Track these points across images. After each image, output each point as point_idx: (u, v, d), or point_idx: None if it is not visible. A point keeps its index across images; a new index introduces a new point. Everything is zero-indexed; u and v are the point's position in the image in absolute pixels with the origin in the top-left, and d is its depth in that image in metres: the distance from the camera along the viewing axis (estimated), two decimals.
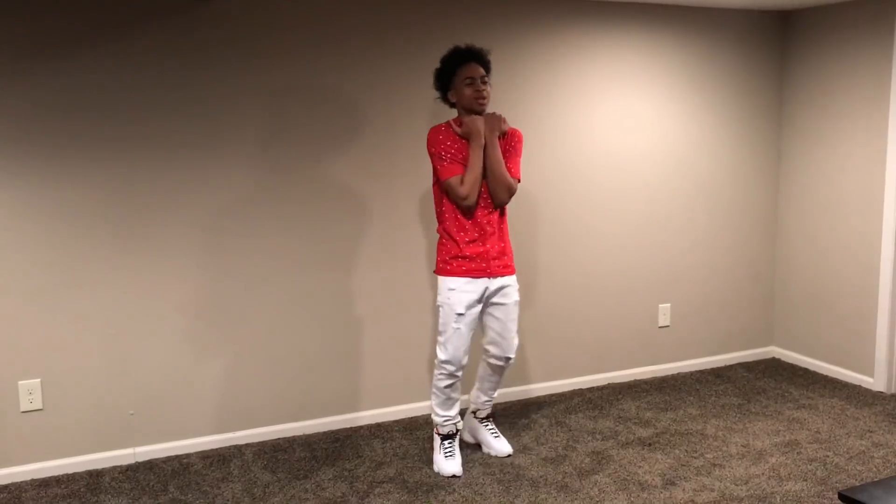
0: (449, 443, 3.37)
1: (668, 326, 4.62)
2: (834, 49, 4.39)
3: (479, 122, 3.20)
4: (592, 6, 4.15)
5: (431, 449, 3.56)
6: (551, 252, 4.22)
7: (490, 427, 3.56)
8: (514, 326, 3.36)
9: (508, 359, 3.38)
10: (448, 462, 3.33)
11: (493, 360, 3.40)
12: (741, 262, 4.78)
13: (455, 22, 3.85)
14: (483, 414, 3.57)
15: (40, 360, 3.35)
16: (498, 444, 3.51)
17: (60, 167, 3.29)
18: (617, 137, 4.32)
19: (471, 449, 3.57)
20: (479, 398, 3.54)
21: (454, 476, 3.29)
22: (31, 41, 3.19)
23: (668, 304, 4.61)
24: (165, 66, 3.40)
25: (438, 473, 3.33)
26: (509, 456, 3.48)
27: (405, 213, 3.90)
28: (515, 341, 3.38)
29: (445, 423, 3.37)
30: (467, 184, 3.16)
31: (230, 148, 3.54)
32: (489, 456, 3.51)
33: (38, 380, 3.35)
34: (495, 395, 3.54)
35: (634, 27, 4.28)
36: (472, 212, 3.22)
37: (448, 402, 3.35)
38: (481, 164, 3.18)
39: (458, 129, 3.21)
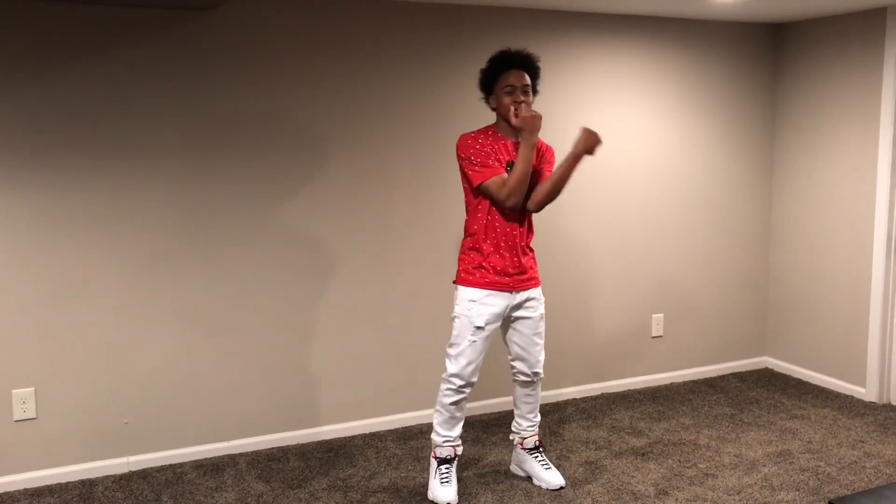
0: (446, 468, 3.19)
1: (661, 336, 4.64)
2: (825, 61, 4.43)
3: (538, 119, 2.98)
4: (587, 18, 4.18)
5: (425, 458, 3.57)
6: (544, 262, 4.22)
7: (541, 458, 3.36)
8: (539, 340, 3.22)
9: (536, 373, 3.26)
10: (444, 489, 3.16)
11: (521, 377, 3.28)
12: (734, 273, 4.81)
13: (453, 32, 3.87)
14: (531, 444, 3.36)
15: (34, 369, 3.34)
16: (549, 476, 3.30)
17: (55, 176, 3.29)
18: (611, 148, 4.34)
19: (462, 464, 3.58)
20: (522, 425, 3.36)
21: None
22: (26, 51, 3.20)
23: (662, 315, 4.63)
24: (163, 75, 3.41)
25: (433, 501, 3.17)
26: (561, 489, 3.28)
27: (403, 222, 3.91)
28: (542, 356, 3.25)
29: (445, 444, 3.18)
30: (511, 183, 2.97)
31: (228, 156, 3.56)
32: (483, 463, 3.52)
33: (32, 388, 3.35)
34: (537, 418, 3.38)
35: (629, 39, 4.31)
36: (515, 216, 3.07)
37: (451, 421, 3.17)
38: (531, 164, 2.99)
39: (514, 121, 2.99)
